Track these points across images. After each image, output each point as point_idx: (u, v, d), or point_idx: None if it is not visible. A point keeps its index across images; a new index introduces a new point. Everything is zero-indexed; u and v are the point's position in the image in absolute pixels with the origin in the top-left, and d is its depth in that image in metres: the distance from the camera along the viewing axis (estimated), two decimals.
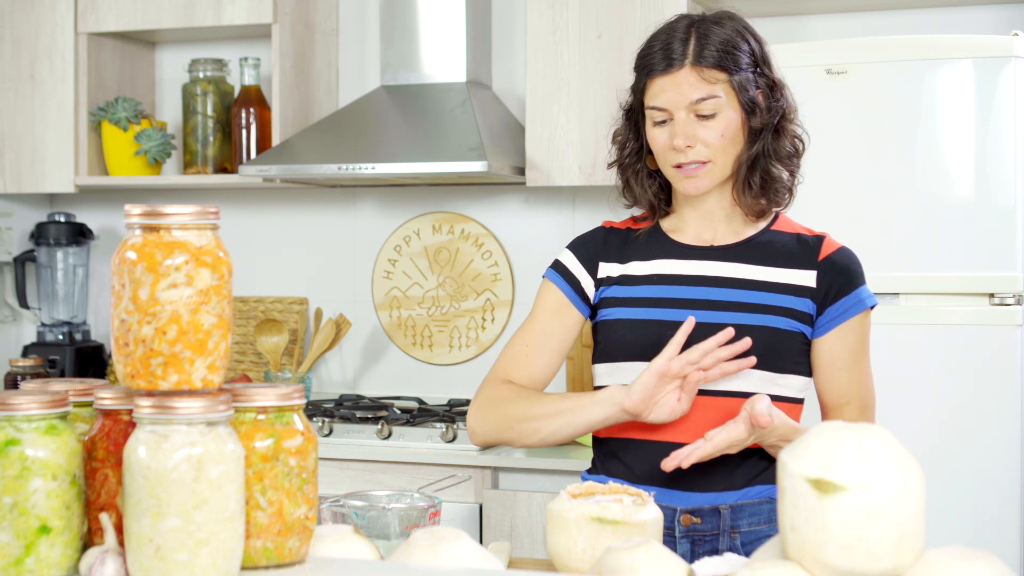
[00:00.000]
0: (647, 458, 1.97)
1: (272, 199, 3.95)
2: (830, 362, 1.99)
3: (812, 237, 2.02)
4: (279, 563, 1.38)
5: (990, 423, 2.72)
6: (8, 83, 3.81)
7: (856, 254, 2.03)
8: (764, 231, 2.03)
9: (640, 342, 1.97)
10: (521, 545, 2.97)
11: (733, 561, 1.45)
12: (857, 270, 2.01)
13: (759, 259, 1.99)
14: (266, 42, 3.78)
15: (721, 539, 1.95)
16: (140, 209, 1.33)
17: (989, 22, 3.26)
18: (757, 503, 1.96)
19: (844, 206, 2.81)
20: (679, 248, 2.03)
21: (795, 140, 2.02)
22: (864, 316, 2.00)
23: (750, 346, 1.89)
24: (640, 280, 2.02)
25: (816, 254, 1.99)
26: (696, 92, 1.93)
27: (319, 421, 3.24)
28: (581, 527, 1.54)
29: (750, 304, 1.96)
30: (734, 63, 1.93)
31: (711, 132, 1.93)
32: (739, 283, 1.98)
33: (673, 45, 1.95)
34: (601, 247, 2.08)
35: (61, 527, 1.35)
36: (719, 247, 2.02)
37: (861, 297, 1.99)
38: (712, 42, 1.93)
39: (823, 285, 1.97)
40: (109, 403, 1.40)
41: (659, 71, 1.95)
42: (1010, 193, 2.71)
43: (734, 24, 1.98)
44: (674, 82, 1.94)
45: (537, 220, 3.66)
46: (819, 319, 1.97)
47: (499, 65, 3.70)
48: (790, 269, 1.98)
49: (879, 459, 1.23)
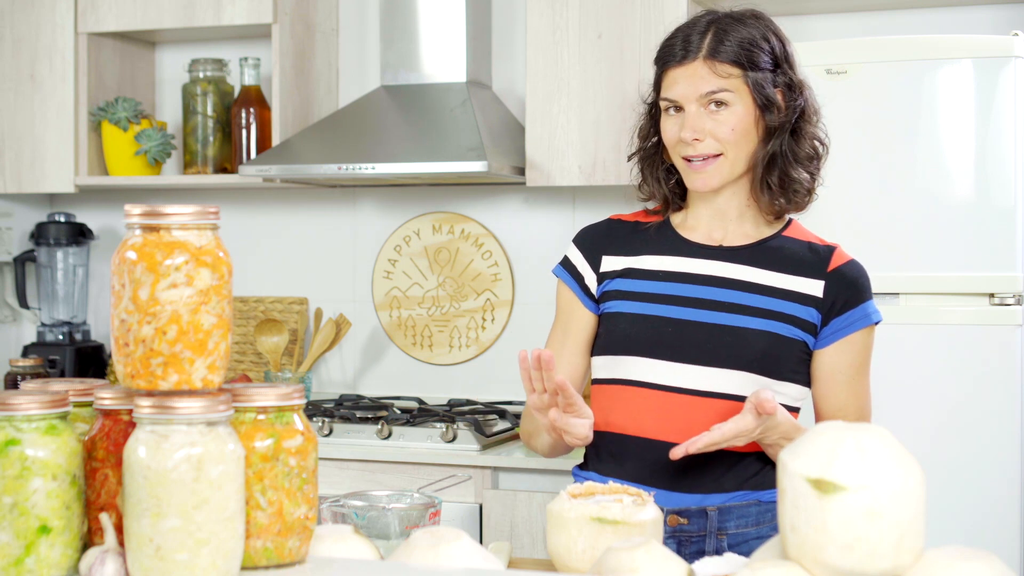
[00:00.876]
0: (638, 455, 1.96)
1: (272, 199, 3.95)
2: (830, 374, 1.98)
3: (823, 247, 2.01)
4: (279, 563, 1.38)
5: (990, 423, 2.71)
6: (8, 83, 3.81)
7: (865, 268, 2.02)
8: (775, 236, 2.02)
9: (641, 337, 1.97)
10: (521, 545, 2.97)
11: (733, 561, 1.44)
12: (865, 284, 2.00)
13: (768, 263, 1.98)
14: (266, 42, 3.78)
15: (708, 541, 1.94)
16: (140, 209, 1.33)
17: (989, 22, 3.26)
18: (744, 505, 1.95)
19: (844, 206, 2.81)
20: (688, 246, 2.02)
21: (815, 143, 2.00)
22: (868, 332, 1.99)
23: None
24: (645, 275, 2.01)
25: (826, 264, 1.98)
26: (707, 85, 1.93)
27: (319, 421, 3.24)
28: (581, 527, 1.54)
29: (754, 308, 1.95)
30: (750, 60, 1.93)
31: (722, 126, 1.93)
32: (745, 286, 1.97)
33: (691, 38, 1.95)
34: (604, 240, 2.08)
35: (61, 527, 1.35)
36: (728, 248, 2.01)
37: (867, 312, 1.98)
38: (730, 38, 1.93)
39: (830, 296, 1.96)
40: (109, 403, 1.40)
41: (674, 63, 1.96)
42: (1010, 193, 2.71)
43: (757, 23, 1.98)
44: (686, 74, 1.94)
45: (537, 220, 3.66)
46: (823, 330, 1.96)
47: (499, 65, 3.70)
48: (798, 277, 1.97)
49: (879, 459, 1.23)
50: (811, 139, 2.00)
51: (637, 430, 1.96)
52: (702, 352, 1.94)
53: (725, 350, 1.92)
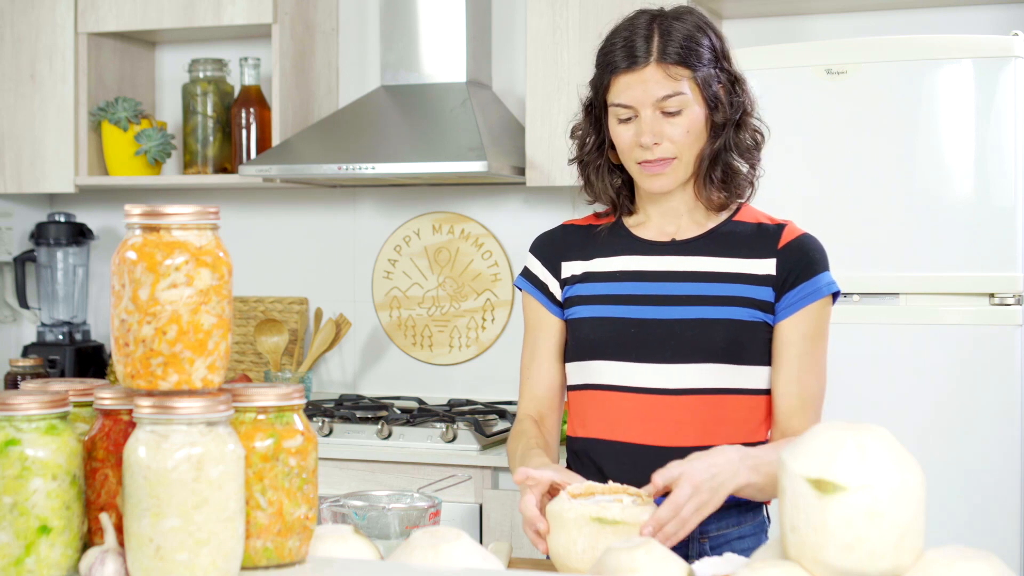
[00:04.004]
0: (616, 458, 1.95)
1: (272, 199, 3.95)
2: (780, 348, 1.94)
3: (773, 225, 2.00)
4: (279, 563, 1.38)
5: (990, 423, 2.71)
6: (8, 83, 3.81)
7: (819, 241, 2.00)
8: (726, 222, 2.01)
9: (604, 340, 1.96)
10: (521, 545, 2.97)
11: (733, 561, 1.45)
12: (817, 257, 1.97)
13: (720, 250, 1.98)
14: (266, 42, 3.78)
15: (691, 545, 1.93)
16: (140, 209, 1.33)
17: (989, 22, 3.26)
18: (724, 508, 1.94)
19: (844, 206, 2.81)
20: (641, 244, 2.02)
21: (755, 133, 2.00)
22: (823, 304, 1.96)
23: None
24: (603, 277, 2.01)
25: (776, 241, 1.97)
26: (662, 89, 1.91)
27: (319, 421, 3.24)
28: (581, 527, 1.54)
29: (712, 297, 1.94)
30: (697, 59, 1.92)
31: (677, 129, 1.92)
32: (701, 276, 1.96)
33: (636, 42, 1.93)
34: (561, 246, 2.07)
35: (61, 527, 1.35)
36: (681, 241, 2.00)
37: (819, 284, 1.94)
38: (675, 38, 1.91)
39: (782, 272, 1.94)
40: (109, 403, 1.40)
41: (623, 68, 1.93)
42: (1010, 193, 2.71)
43: (694, 19, 1.96)
44: (639, 79, 1.92)
45: (537, 220, 3.66)
46: (777, 305, 1.94)
47: (499, 65, 3.70)
48: (751, 259, 1.96)
49: (879, 459, 1.22)
50: (752, 130, 2.00)
51: (612, 434, 1.96)
52: (666, 349, 1.93)
53: (689, 344, 1.92)
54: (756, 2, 3.34)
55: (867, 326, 2.79)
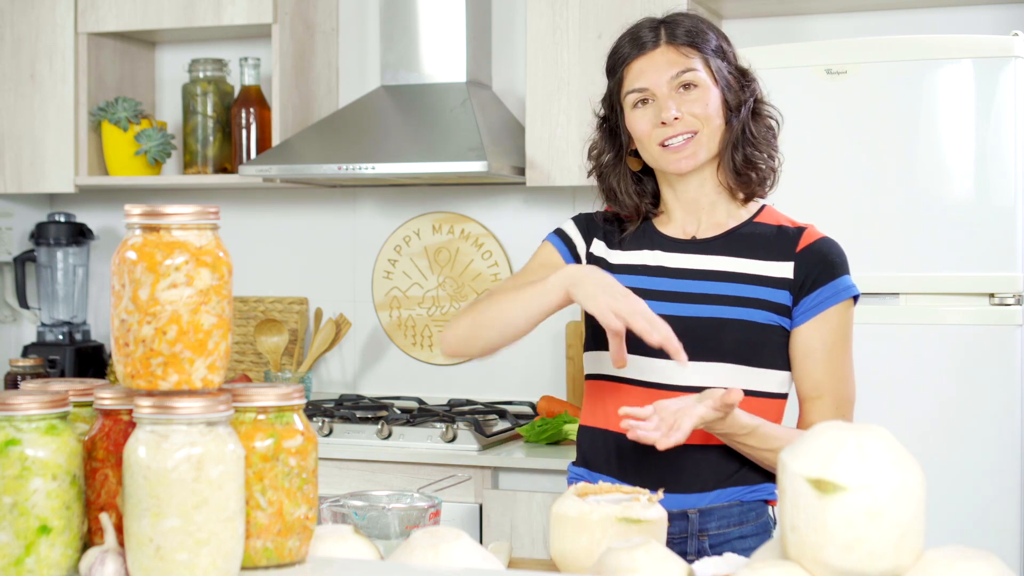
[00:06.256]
0: (625, 450, 1.95)
1: (272, 199, 3.95)
2: (804, 353, 1.96)
3: (793, 228, 2.01)
4: (279, 563, 1.38)
5: (990, 423, 2.71)
6: (8, 83, 3.81)
7: (839, 245, 2.01)
8: (747, 223, 2.02)
9: None
10: (521, 545, 2.97)
11: (733, 561, 1.44)
12: (836, 260, 1.98)
13: (739, 251, 1.99)
14: (266, 42, 3.78)
15: (689, 542, 1.93)
16: (140, 209, 1.33)
17: (989, 22, 3.26)
18: (727, 506, 1.94)
19: (844, 206, 2.81)
20: (663, 240, 2.04)
21: (770, 121, 2.04)
22: (844, 307, 1.97)
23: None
24: (624, 270, 2.02)
25: (795, 245, 1.98)
26: (675, 67, 1.96)
27: (319, 421, 3.23)
28: (606, 528, 1.53)
29: (728, 296, 1.95)
30: (704, 42, 1.98)
31: (695, 104, 1.95)
32: (718, 275, 1.97)
33: (643, 33, 2.00)
34: (598, 226, 2.10)
35: (61, 527, 1.35)
36: (701, 240, 2.02)
37: (839, 288, 1.96)
38: (681, 28, 1.98)
39: (800, 275, 1.96)
40: (109, 403, 1.40)
41: (635, 55, 1.99)
42: (1010, 193, 2.71)
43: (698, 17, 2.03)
44: (651, 62, 1.97)
45: (537, 220, 3.66)
46: (795, 309, 1.95)
47: (499, 65, 3.70)
48: (769, 261, 1.97)
49: (879, 459, 1.22)
50: (766, 118, 2.03)
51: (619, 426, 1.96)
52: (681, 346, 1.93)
53: (703, 343, 1.92)
54: (756, 2, 3.34)
55: (867, 326, 2.79)
